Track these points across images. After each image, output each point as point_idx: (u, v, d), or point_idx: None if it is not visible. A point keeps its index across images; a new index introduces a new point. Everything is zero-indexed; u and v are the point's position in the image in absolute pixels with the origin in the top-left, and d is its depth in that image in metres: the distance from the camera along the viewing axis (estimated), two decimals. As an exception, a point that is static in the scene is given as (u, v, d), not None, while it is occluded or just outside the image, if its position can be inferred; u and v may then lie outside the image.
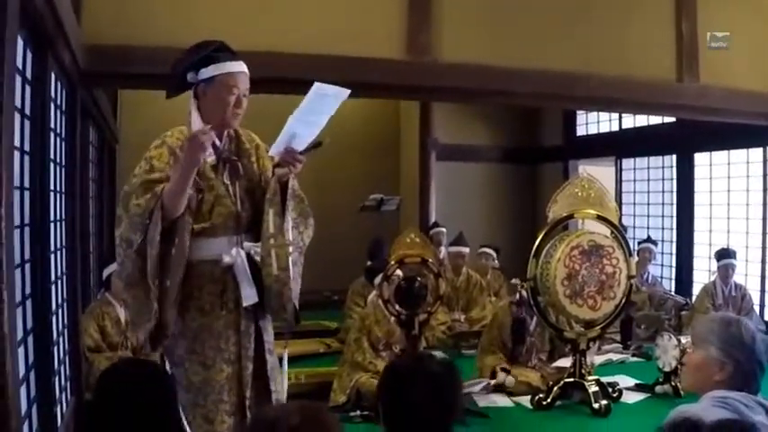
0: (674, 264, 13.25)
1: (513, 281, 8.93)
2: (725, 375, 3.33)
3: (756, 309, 10.80)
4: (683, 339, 7.58)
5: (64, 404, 5.71)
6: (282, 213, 4.32)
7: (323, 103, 4.19)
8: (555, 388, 7.59)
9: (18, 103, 4.15)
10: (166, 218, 4.00)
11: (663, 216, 13.62)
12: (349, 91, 4.27)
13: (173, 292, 4.09)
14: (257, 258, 4.30)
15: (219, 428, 4.21)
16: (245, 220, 4.36)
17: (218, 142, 4.33)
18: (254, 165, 4.44)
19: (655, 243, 12.05)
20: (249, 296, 4.27)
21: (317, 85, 4.14)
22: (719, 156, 12.28)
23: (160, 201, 3.96)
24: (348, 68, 7.32)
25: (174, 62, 4.33)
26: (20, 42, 4.04)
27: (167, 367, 4.23)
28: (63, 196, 6.09)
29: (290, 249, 4.35)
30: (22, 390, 4.00)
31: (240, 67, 4.29)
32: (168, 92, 4.43)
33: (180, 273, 4.11)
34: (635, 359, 9.85)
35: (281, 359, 4.63)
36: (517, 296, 8.44)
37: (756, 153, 11.59)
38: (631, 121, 14.10)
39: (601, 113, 14.75)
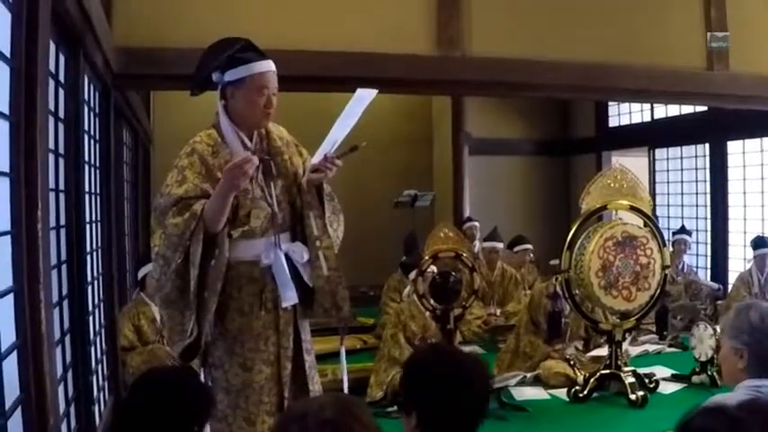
0: (708, 253, 13.17)
1: (553, 261, 8.91)
2: (745, 362, 3.32)
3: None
4: (719, 329, 7.55)
5: (102, 403, 5.76)
6: (323, 215, 4.36)
7: (358, 105, 4.22)
8: (591, 380, 7.58)
9: (52, 106, 4.19)
10: (208, 235, 3.98)
11: (697, 205, 13.55)
12: (377, 90, 4.29)
13: (211, 303, 4.07)
14: (295, 257, 4.29)
15: (261, 429, 4.20)
16: (282, 220, 4.33)
17: (248, 143, 4.28)
18: (287, 162, 4.37)
19: (689, 233, 11.97)
20: (289, 297, 4.25)
21: (359, 90, 4.18)
22: (752, 143, 12.21)
23: (202, 222, 3.93)
24: (379, 65, 7.35)
25: (200, 60, 4.28)
26: (52, 47, 4.08)
27: (204, 371, 4.24)
28: (98, 198, 6.15)
29: (336, 248, 4.39)
30: (60, 389, 4.05)
31: (269, 66, 4.23)
32: (192, 90, 4.40)
33: (219, 283, 4.08)
34: (671, 349, 9.83)
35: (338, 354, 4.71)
36: (551, 289, 8.43)
37: (790, 140, 11.54)
38: (663, 111, 14.03)
39: (633, 104, 14.68)
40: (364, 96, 4.21)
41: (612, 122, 15.64)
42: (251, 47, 4.26)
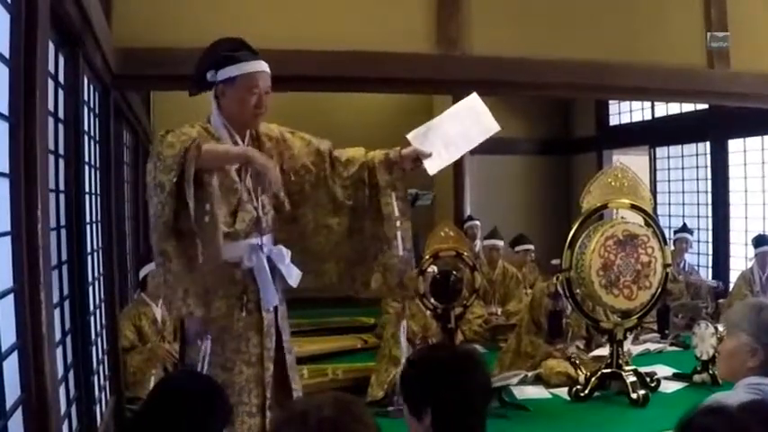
0: (710, 251, 13.19)
1: (554, 261, 8.92)
2: (757, 362, 3.32)
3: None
4: (721, 327, 7.53)
5: (103, 404, 5.75)
6: (405, 197, 4.47)
7: (472, 122, 4.50)
8: (593, 379, 7.57)
9: (51, 107, 4.19)
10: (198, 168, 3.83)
11: (698, 204, 13.55)
12: (498, 128, 4.58)
13: (217, 261, 3.96)
14: (276, 259, 4.29)
15: (240, 429, 4.19)
16: (266, 223, 4.34)
17: (241, 143, 4.29)
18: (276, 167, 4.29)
19: (690, 232, 11.99)
20: (271, 300, 4.27)
21: (475, 95, 4.57)
22: (753, 141, 12.21)
23: (197, 141, 3.81)
24: (379, 64, 7.36)
25: (198, 60, 4.30)
26: (51, 48, 4.08)
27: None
28: (98, 198, 6.14)
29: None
30: (61, 390, 4.04)
31: (260, 66, 4.23)
32: (190, 90, 4.41)
33: (218, 243, 3.91)
34: (672, 348, 9.81)
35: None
36: (552, 288, 8.43)
37: (791, 137, 11.55)
38: (664, 109, 14.03)
39: (633, 102, 14.70)
40: (480, 111, 4.58)
41: (613, 121, 15.66)
42: (244, 46, 4.27)
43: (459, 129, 4.49)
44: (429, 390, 2.93)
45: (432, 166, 4.40)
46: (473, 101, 4.64)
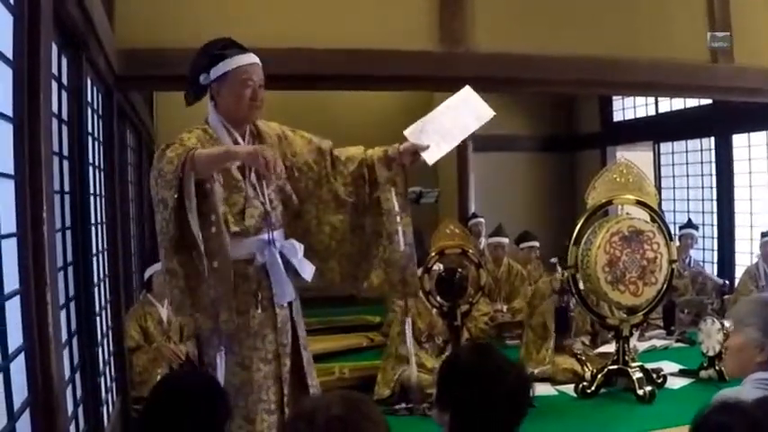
0: (715, 247, 13.16)
1: (552, 260, 8.91)
2: (765, 356, 3.31)
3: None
4: (727, 323, 7.52)
5: (110, 405, 5.75)
6: (404, 192, 4.47)
7: (467, 112, 4.51)
8: (599, 375, 7.56)
9: (55, 108, 4.19)
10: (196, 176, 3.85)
11: (703, 199, 13.51)
12: (493, 114, 4.60)
13: (226, 271, 3.97)
14: (289, 254, 4.27)
15: (260, 428, 4.18)
16: (276, 218, 4.32)
17: (241, 141, 4.29)
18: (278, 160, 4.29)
19: (696, 228, 11.95)
20: (285, 294, 4.25)
21: (468, 88, 4.52)
22: (758, 136, 12.17)
23: (192, 152, 3.82)
24: (383, 62, 7.35)
25: (189, 67, 4.28)
26: (55, 50, 4.08)
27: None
28: (103, 199, 6.14)
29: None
30: (68, 391, 4.04)
31: (251, 58, 4.23)
32: (187, 99, 4.35)
33: (226, 252, 3.96)
34: (678, 345, 9.78)
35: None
36: (557, 285, 8.41)
37: (795, 132, 11.53)
38: (668, 104, 14.00)
39: (637, 98, 14.65)
40: (475, 103, 4.57)
41: (617, 117, 15.61)
42: (233, 44, 4.27)
43: (454, 120, 4.52)
44: (453, 391, 2.91)
45: (430, 157, 4.42)
46: (467, 93, 4.65)
